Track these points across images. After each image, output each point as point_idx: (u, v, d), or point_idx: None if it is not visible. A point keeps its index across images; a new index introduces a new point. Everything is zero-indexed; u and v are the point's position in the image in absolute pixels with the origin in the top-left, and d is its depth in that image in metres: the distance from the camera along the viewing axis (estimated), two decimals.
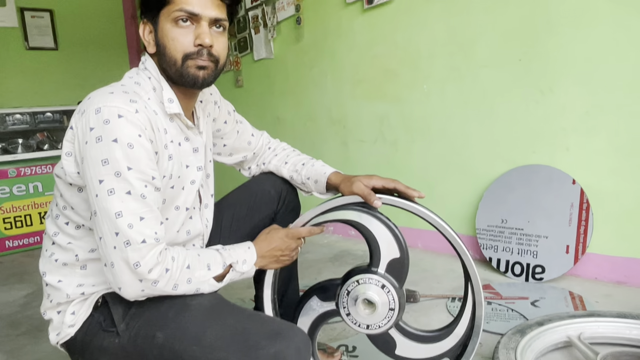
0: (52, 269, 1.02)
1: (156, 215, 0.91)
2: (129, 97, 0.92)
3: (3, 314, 2.01)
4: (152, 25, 1.00)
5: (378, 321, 1.08)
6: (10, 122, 3.21)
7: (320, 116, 2.97)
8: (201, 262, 0.97)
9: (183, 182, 1.05)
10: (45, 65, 4.39)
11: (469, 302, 1.11)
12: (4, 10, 4.18)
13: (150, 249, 0.88)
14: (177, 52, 0.97)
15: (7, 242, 3.10)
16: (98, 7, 4.71)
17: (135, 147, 0.88)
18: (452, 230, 1.08)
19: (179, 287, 0.93)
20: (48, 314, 1.04)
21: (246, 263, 1.04)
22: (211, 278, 0.97)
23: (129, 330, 0.95)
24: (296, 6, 2.95)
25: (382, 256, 1.09)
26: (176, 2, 0.95)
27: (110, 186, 0.87)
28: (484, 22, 2.09)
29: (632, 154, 1.75)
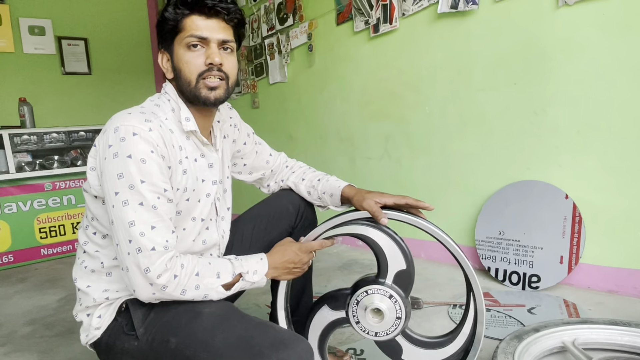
0: (83, 275, 1.05)
1: (167, 224, 0.93)
2: (145, 117, 0.95)
3: (38, 316, 2.03)
4: (168, 53, 1.04)
5: (386, 329, 1.08)
6: (48, 140, 3.26)
7: (330, 134, 2.98)
8: (211, 270, 0.97)
9: (199, 195, 1.06)
10: (79, 89, 4.49)
11: (471, 311, 1.11)
12: (44, 39, 4.29)
13: (159, 256, 0.90)
14: (191, 73, 1.00)
15: (42, 250, 3.13)
16: (128, 36, 4.81)
17: (147, 162, 0.91)
18: (455, 244, 1.08)
19: (187, 292, 0.94)
20: (79, 317, 1.07)
21: (257, 273, 1.03)
22: (219, 286, 0.97)
23: (147, 334, 0.97)
24: (308, 35, 2.99)
25: (390, 268, 1.09)
26: (187, 29, 0.99)
27: (125, 198, 0.90)
28: (481, 49, 2.10)
29: (620, 171, 1.74)
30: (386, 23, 2.46)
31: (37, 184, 3.09)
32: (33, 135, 3.19)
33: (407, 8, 2.35)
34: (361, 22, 2.60)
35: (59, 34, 4.35)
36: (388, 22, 2.45)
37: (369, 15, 2.54)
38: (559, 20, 1.83)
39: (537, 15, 1.89)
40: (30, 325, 1.92)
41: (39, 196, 3.11)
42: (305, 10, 3.01)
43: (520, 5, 1.94)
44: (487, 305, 1.78)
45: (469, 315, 1.11)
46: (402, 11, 2.38)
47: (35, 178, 3.08)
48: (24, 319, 2.00)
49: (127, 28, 4.81)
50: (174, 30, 1.00)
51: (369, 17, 2.54)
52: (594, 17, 1.74)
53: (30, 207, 3.07)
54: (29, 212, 3.07)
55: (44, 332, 1.84)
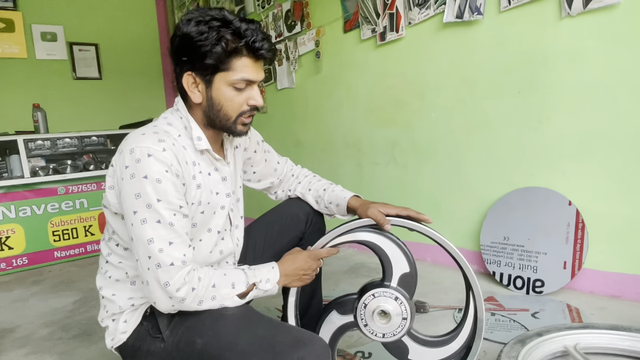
0: (107, 284, 1.10)
1: (184, 239, 0.98)
2: (158, 137, 0.98)
3: (55, 318, 2.09)
4: (202, 80, 1.02)
5: (392, 330, 1.12)
6: (61, 145, 3.33)
7: (337, 140, 3.03)
8: (227, 281, 1.02)
9: (214, 207, 1.11)
10: (90, 93, 4.57)
11: (471, 308, 1.15)
12: (56, 45, 4.37)
13: (178, 271, 0.95)
14: (233, 111, 1.05)
15: (55, 252, 3.20)
16: (138, 41, 4.89)
17: (162, 181, 0.95)
18: (453, 246, 1.13)
19: (204, 303, 0.99)
20: (105, 322, 1.11)
21: (269, 282, 1.08)
22: (235, 295, 1.02)
23: (173, 336, 1.02)
24: (316, 42, 3.04)
25: (394, 271, 1.14)
26: (237, 71, 1.01)
27: (143, 216, 0.94)
28: (486, 58, 2.14)
29: (622, 178, 1.78)
30: (393, 31, 2.51)
31: (50, 188, 3.16)
32: (47, 141, 3.26)
33: (414, 17, 2.40)
34: (368, 30, 2.65)
35: (70, 40, 4.43)
36: (394, 31, 2.50)
37: (375, 24, 2.59)
38: (562, 31, 1.87)
39: (540, 25, 1.93)
40: (48, 327, 1.98)
41: (53, 200, 3.18)
42: (312, 17, 3.06)
43: (524, 16, 1.98)
44: (492, 309, 1.82)
45: (469, 313, 1.15)
46: (409, 20, 2.43)
47: (48, 182, 3.16)
48: (41, 321, 2.07)
49: (137, 33, 4.88)
50: (217, 65, 1.00)
51: (376, 26, 2.59)
52: (597, 28, 1.77)
53: (44, 211, 3.15)
54: (43, 216, 3.15)
55: (61, 334, 1.90)
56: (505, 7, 2.02)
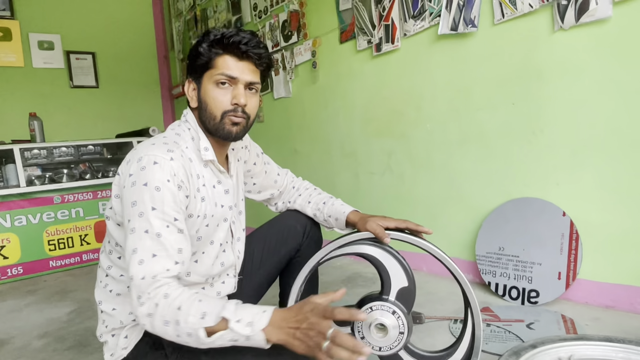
0: (107, 299, 1.09)
1: (170, 254, 0.92)
2: (167, 147, 1.00)
3: (50, 329, 2.08)
4: (195, 84, 1.09)
5: (389, 344, 1.12)
6: (57, 154, 3.34)
7: (334, 150, 3.05)
8: (198, 308, 0.86)
9: (217, 220, 1.12)
10: (87, 102, 4.58)
11: (469, 325, 1.16)
12: (53, 54, 4.39)
13: (148, 285, 0.88)
14: (217, 109, 1.05)
15: (51, 262, 3.20)
16: (134, 49, 4.91)
17: (162, 190, 0.94)
18: (453, 263, 1.13)
19: (170, 325, 0.87)
20: (104, 337, 1.10)
21: (251, 326, 0.84)
22: (201, 329, 0.84)
23: (176, 352, 1.02)
24: (312, 52, 3.06)
25: (393, 285, 1.14)
26: (219, 67, 1.04)
27: (133, 225, 0.93)
28: (481, 70, 2.17)
29: (615, 189, 1.80)
30: (388, 42, 2.54)
31: (46, 197, 3.16)
32: (43, 150, 3.27)
33: (409, 29, 2.42)
34: (364, 41, 2.68)
35: (67, 49, 4.45)
36: (390, 42, 2.53)
37: (371, 35, 2.62)
38: (555, 44, 1.90)
39: (534, 38, 1.96)
40: (43, 339, 1.97)
41: (48, 209, 3.18)
42: (309, 28, 3.09)
43: (518, 29, 2.01)
44: (488, 320, 1.83)
45: (467, 330, 1.16)
46: (404, 32, 2.46)
47: (44, 191, 3.16)
48: (36, 332, 2.06)
49: (134, 42, 4.91)
50: (205, 65, 1.05)
51: (372, 37, 2.62)
52: (589, 41, 1.80)
53: (39, 220, 3.14)
54: (39, 225, 3.14)
55: (56, 346, 1.89)
56: (499, 20, 2.05)
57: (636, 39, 1.69)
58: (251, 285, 1.33)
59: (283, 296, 1.43)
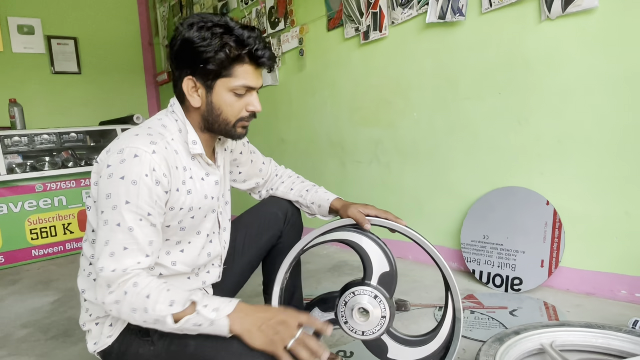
0: (91, 287, 1.07)
1: (141, 247, 0.94)
2: (151, 139, 0.97)
3: (32, 319, 2.05)
4: (202, 85, 1.03)
5: (372, 327, 1.12)
6: (39, 141, 3.27)
7: (321, 139, 3.04)
8: (166, 297, 0.91)
9: (205, 211, 1.10)
10: (69, 88, 4.48)
11: (450, 308, 1.17)
12: (33, 38, 4.27)
13: (117, 277, 0.91)
14: (232, 116, 1.05)
15: (33, 251, 3.14)
16: (118, 34, 4.81)
17: (138, 184, 0.93)
18: (432, 245, 1.14)
19: (137, 312, 0.90)
20: (87, 326, 1.09)
21: (217, 311, 0.90)
22: (169, 315, 0.89)
23: (163, 339, 1.01)
24: (299, 39, 3.03)
25: (374, 270, 1.15)
26: (239, 77, 1.01)
27: (106, 217, 0.93)
28: (468, 59, 2.17)
29: (598, 179, 1.82)
30: (376, 30, 2.52)
31: (28, 185, 3.10)
32: (24, 137, 3.20)
33: (397, 17, 2.41)
34: (351, 29, 2.66)
35: (48, 33, 4.34)
36: (378, 30, 2.51)
37: (359, 22, 2.60)
38: (542, 34, 1.90)
39: (521, 28, 1.96)
40: (25, 328, 1.95)
41: (30, 197, 3.11)
42: (296, 14, 3.05)
43: (505, 18, 2.01)
44: (472, 307, 1.85)
45: (447, 313, 1.17)
46: (392, 19, 2.44)
47: (26, 179, 3.09)
48: (19, 322, 2.03)
49: (118, 27, 4.81)
50: (219, 71, 1.00)
51: (359, 24, 2.60)
52: (575, 31, 1.81)
53: (21, 209, 3.08)
54: (20, 214, 3.08)
55: (39, 336, 1.86)
56: (487, 9, 2.04)
57: (622, 30, 1.70)
58: (234, 272, 1.33)
59: (267, 284, 1.42)
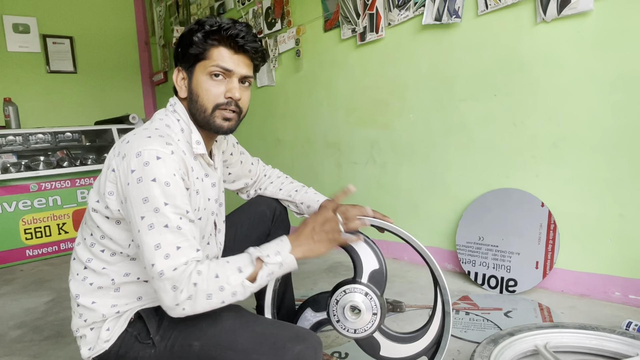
0: (86, 292, 1.04)
1: (192, 243, 0.93)
2: (165, 140, 0.96)
3: (26, 320, 2.04)
4: (186, 73, 1.05)
5: (363, 325, 1.12)
6: (33, 141, 3.25)
7: (317, 139, 3.04)
8: (231, 267, 0.94)
9: (207, 213, 1.10)
10: (65, 88, 4.47)
11: (439, 303, 1.17)
12: (28, 37, 4.25)
13: (180, 274, 0.89)
14: (209, 102, 1.03)
15: (27, 251, 3.13)
16: (114, 34, 4.80)
17: (171, 184, 0.92)
18: (416, 240, 1.15)
19: (213, 296, 0.91)
20: (81, 331, 1.05)
21: (280, 254, 0.97)
22: (245, 279, 0.93)
23: (164, 340, 0.99)
24: (296, 40, 3.03)
25: (364, 268, 1.15)
26: (213, 58, 1.01)
27: (150, 221, 0.90)
28: (463, 61, 2.17)
29: (593, 182, 1.83)
30: (372, 32, 2.52)
31: (22, 184, 3.08)
32: (18, 136, 3.18)
33: (393, 18, 2.41)
34: (348, 30, 2.66)
35: (44, 32, 4.32)
36: (374, 31, 2.51)
37: (355, 24, 2.60)
38: (537, 36, 1.91)
39: (516, 30, 1.97)
40: (19, 329, 1.94)
41: (25, 197, 3.10)
42: (293, 15, 3.05)
43: (501, 20, 2.01)
44: (467, 308, 1.85)
45: (437, 309, 1.17)
46: (388, 21, 2.45)
47: (20, 179, 3.08)
48: (12, 322, 2.02)
49: (114, 27, 4.79)
50: (198, 55, 1.01)
51: (356, 26, 2.60)
52: (570, 34, 1.82)
53: (15, 208, 3.07)
54: (14, 213, 3.07)
55: (33, 336, 1.85)
56: (483, 11, 2.05)
57: (616, 32, 1.71)
58: None
59: None
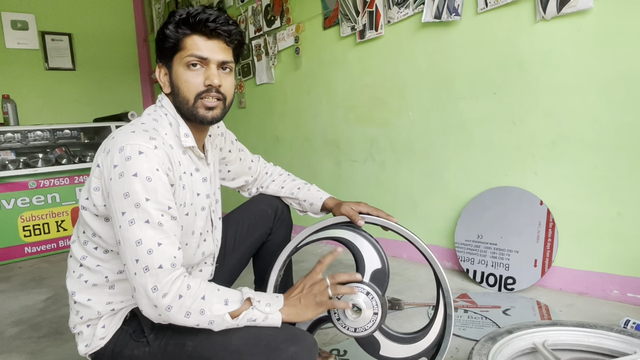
0: (82, 289, 1.04)
1: (173, 241, 0.93)
2: (149, 135, 0.96)
3: (24, 317, 2.04)
4: (166, 68, 1.04)
5: (364, 324, 1.12)
6: (32, 138, 3.24)
7: (316, 137, 3.03)
8: (219, 296, 0.94)
9: (195, 208, 1.09)
10: (63, 85, 4.45)
11: (441, 306, 1.17)
12: (27, 34, 4.24)
13: (166, 275, 0.89)
14: (189, 92, 1.01)
15: (26, 248, 3.12)
16: (113, 31, 4.78)
17: (153, 180, 0.91)
18: (423, 243, 1.15)
19: (192, 315, 0.91)
20: (78, 328, 1.06)
21: (270, 306, 0.97)
22: (226, 313, 0.92)
23: (158, 339, 0.99)
24: (295, 38, 3.02)
25: (367, 267, 1.15)
26: (188, 48, 0.99)
27: (131, 217, 0.89)
28: (463, 59, 2.17)
29: (592, 180, 1.83)
30: (372, 29, 2.52)
31: (21, 182, 3.07)
32: (17, 133, 3.17)
33: (393, 16, 2.41)
34: (347, 28, 2.65)
35: (42, 29, 4.30)
36: (374, 29, 2.51)
37: (355, 21, 2.59)
38: (537, 34, 1.91)
39: (516, 28, 1.96)
40: (17, 326, 1.93)
41: (23, 194, 3.09)
42: (292, 13, 3.04)
43: (500, 18, 2.01)
44: (465, 306, 1.86)
45: (439, 310, 1.17)
46: (388, 19, 2.44)
47: (19, 176, 3.07)
48: (10, 320, 2.01)
49: (113, 24, 4.77)
50: (174, 48, 1.00)
51: (355, 23, 2.59)
52: (570, 32, 1.81)
53: (14, 205, 3.06)
54: (13, 210, 3.06)
55: (31, 333, 1.85)
56: (482, 9, 2.05)
57: (616, 31, 1.71)
58: (225, 270, 1.32)
59: (259, 282, 1.42)
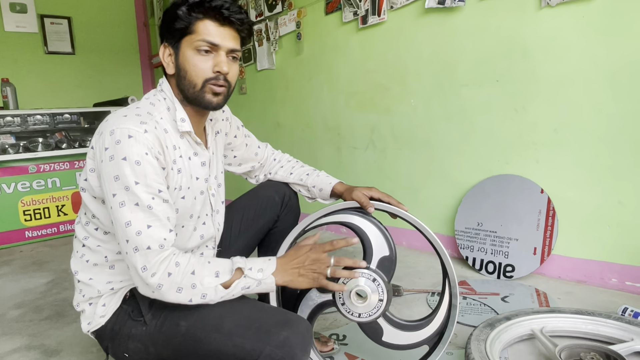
0: (84, 268, 1.08)
1: (163, 223, 0.95)
2: (140, 119, 0.97)
3: (26, 300, 2.05)
4: (172, 49, 1.04)
5: (369, 310, 1.13)
6: (32, 122, 3.23)
7: (317, 123, 3.02)
8: (210, 269, 0.96)
9: (194, 192, 1.09)
10: (62, 69, 4.42)
11: (446, 296, 1.18)
12: (26, 17, 4.20)
13: (155, 255, 0.92)
14: (197, 77, 1.01)
15: (26, 232, 3.13)
16: (113, 14, 4.74)
17: (142, 163, 0.93)
18: (433, 234, 1.15)
19: (184, 291, 0.93)
20: (81, 306, 1.10)
21: (262, 271, 0.99)
22: (218, 285, 0.95)
23: (155, 319, 1.02)
24: (297, 23, 3.00)
25: (374, 254, 1.15)
26: (199, 32, 0.99)
27: (122, 199, 0.92)
28: (466, 45, 2.15)
29: (593, 169, 1.83)
30: (374, 15, 2.49)
31: (21, 166, 3.07)
32: (16, 117, 3.16)
33: (396, 1, 2.38)
34: (350, 13, 2.63)
35: (41, 12, 4.26)
36: (376, 14, 2.48)
37: (357, 7, 2.57)
38: (541, 21, 1.89)
39: (520, 14, 1.94)
40: (19, 309, 1.95)
41: (23, 178, 3.09)
42: None
43: (505, 4, 1.99)
44: (464, 293, 1.87)
45: (444, 300, 1.18)
46: (391, 4, 2.41)
47: (19, 160, 3.06)
48: (12, 302, 2.03)
49: (112, 7, 4.72)
50: (184, 30, 1.00)
51: (358, 8, 2.57)
52: (575, 19, 1.80)
53: (14, 190, 3.06)
54: (13, 195, 3.06)
55: (32, 316, 1.87)
56: None
57: (621, 18, 1.69)
58: (230, 256, 1.33)
59: None
